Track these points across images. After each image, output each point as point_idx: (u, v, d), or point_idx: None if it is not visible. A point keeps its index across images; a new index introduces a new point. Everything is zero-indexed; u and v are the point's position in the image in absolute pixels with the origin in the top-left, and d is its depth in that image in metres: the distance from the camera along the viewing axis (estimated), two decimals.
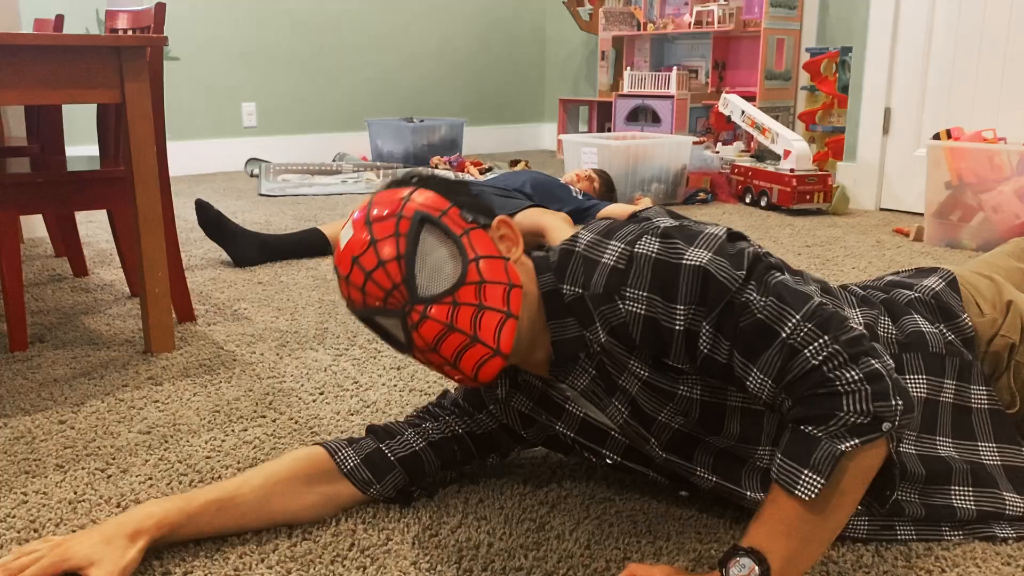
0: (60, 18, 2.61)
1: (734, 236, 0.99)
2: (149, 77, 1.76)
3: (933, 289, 1.20)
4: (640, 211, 1.06)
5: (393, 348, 1.03)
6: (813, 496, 0.87)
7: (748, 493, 1.07)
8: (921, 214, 3.40)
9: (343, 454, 1.16)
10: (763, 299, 0.92)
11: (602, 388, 1.05)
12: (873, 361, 0.88)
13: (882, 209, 3.65)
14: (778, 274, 0.95)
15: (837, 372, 0.87)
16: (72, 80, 1.66)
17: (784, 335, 0.90)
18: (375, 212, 0.99)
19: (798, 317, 0.90)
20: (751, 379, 0.92)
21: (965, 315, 1.18)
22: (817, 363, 0.88)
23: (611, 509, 1.18)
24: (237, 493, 1.09)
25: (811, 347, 0.89)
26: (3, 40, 1.55)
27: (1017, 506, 1.12)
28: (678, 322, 0.94)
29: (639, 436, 1.08)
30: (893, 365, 0.91)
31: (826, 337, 0.89)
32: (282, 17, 5.09)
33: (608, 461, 1.16)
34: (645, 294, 0.95)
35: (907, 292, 1.20)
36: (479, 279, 0.97)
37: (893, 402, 0.87)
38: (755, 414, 1.03)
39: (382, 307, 0.97)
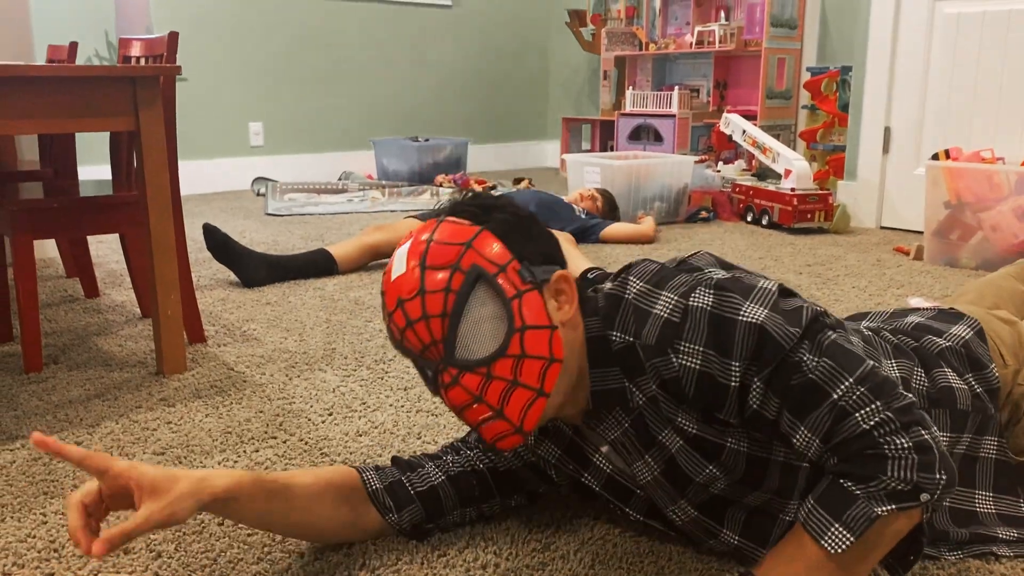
0: (74, 45, 2.67)
1: (785, 292, 0.99)
2: (162, 104, 1.80)
3: (963, 338, 1.20)
4: (689, 257, 1.04)
5: (423, 381, 1.02)
6: (839, 551, 0.87)
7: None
8: (921, 232, 3.44)
9: (368, 475, 1.16)
10: (816, 359, 0.91)
11: (635, 442, 1.04)
12: (924, 432, 0.88)
13: (883, 227, 3.69)
14: (832, 334, 0.94)
15: (888, 438, 0.87)
16: (88, 109, 1.71)
17: (835, 396, 0.89)
18: (432, 256, 0.94)
19: (851, 380, 0.90)
20: (798, 436, 0.92)
21: (992, 366, 1.18)
22: (868, 427, 0.88)
23: (614, 530, 1.21)
24: (290, 484, 1.08)
25: (863, 411, 0.88)
26: (22, 72, 1.60)
27: (1011, 533, 1.15)
28: (733, 378, 0.93)
29: (666, 495, 1.07)
30: (942, 437, 0.90)
31: (878, 403, 0.88)
32: (288, 38, 5.16)
33: (631, 518, 1.16)
34: (700, 349, 0.94)
35: (938, 340, 1.19)
36: (519, 352, 0.94)
37: (937, 476, 0.87)
38: (794, 468, 1.03)
39: (418, 355, 0.96)
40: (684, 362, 0.95)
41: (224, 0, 4.87)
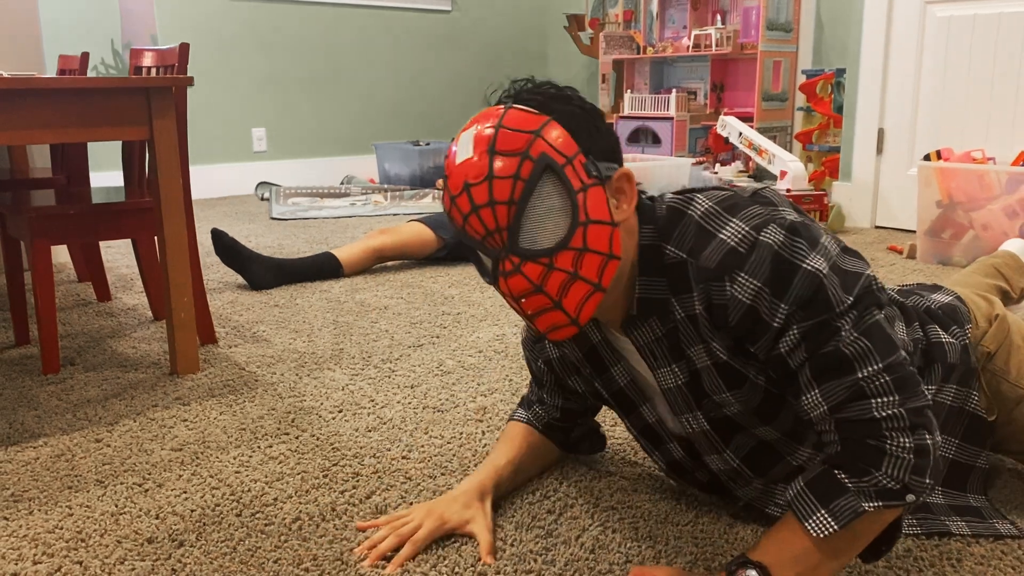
0: (86, 55, 2.73)
1: (847, 250, 1.01)
2: (175, 114, 1.87)
3: (943, 302, 1.26)
4: (761, 189, 1.03)
5: (477, 270, 1.08)
6: (822, 535, 0.92)
7: (773, 497, 1.14)
8: (914, 231, 3.49)
9: (527, 415, 1.38)
10: (854, 334, 0.93)
11: (664, 351, 1.06)
12: (927, 436, 0.91)
13: (877, 227, 3.75)
14: (878, 313, 0.96)
15: (892, 433, 0.90)
16: (104, 119, 1.77)
17: (859, 376, 0.92)
18: (501, 142, 0.94)
19: (880, 365, 0.92)
20: (808, 396, 0.95)
21: (969, 325, 1.24)
22: (879, 417, 0.90)
23: (614, 517, 1.27)
24: (523, 459, 1.32)
25: (879, 400, 0.91)
26: (43, 84, 1.66)
27: (935, 495, 1.21)
28: (777, 320, 0.94)
29: (684, 403, 1.09)
30: (941, 442, 0.94)
31: (897, 396, 0.91)
32: (290, 44, 5.23)
33: (629, 429, 1.23)
34: (758, 284, 0.94)
35: (922, 301, 1.26)
36: (581, 246, 0.95)
37: (927, 480, 0.91)
38: None
39: (480, 241, 0.96)
40: (737, 293, 0.95)
41: (227, 8, 4.94)
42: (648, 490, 1.35)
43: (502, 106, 0.98)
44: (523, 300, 0.96)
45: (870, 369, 0.92)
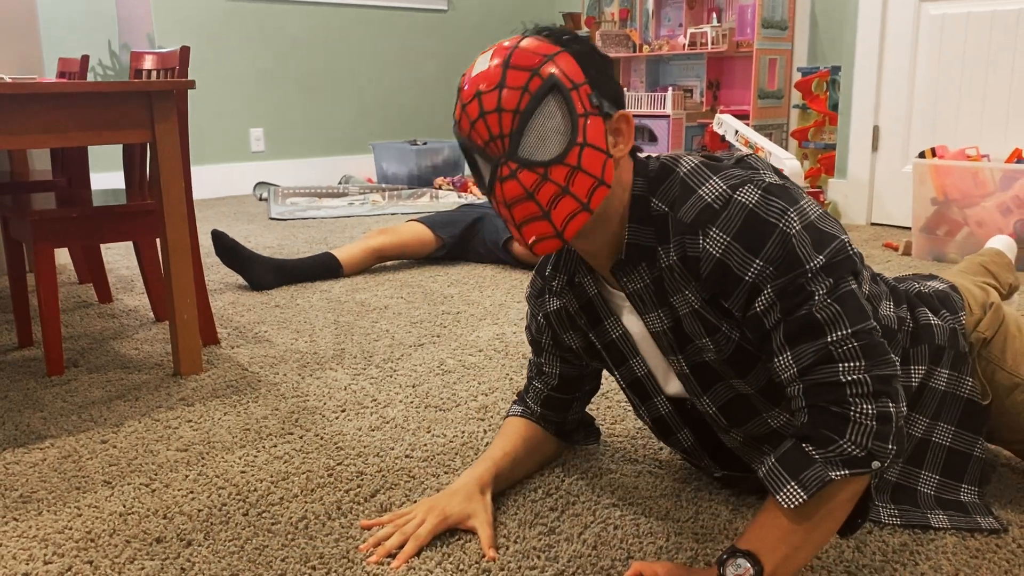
0: (86, 59, 2.75)
1: (827, 217, 1.04)
2: (176, 117, 1.88)
3: (937, 288, 1.30)
4: (746, 156, 1.09)
5: (475, 182, 1.11)
6: (792, 506, 0.96)
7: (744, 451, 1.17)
8: (910, 228, 3.52)
9: (521, 408, 1.42)
10: (826, 299, 0.97)
11: (652, 297, 1.12)
12: (891, 404, 0.95)
13: (873, 224, 3.77)
14: (852, 284, 1.00)
15: (856, 399, 0.94)
16: (107, 123, 1.79)
17: (828, 340, 0.96)
18: (516, 57, 1.01)
19: (849, 331, 0.96)
20: (780, 358, 0.99)
21: (963, 313, 1.27)
22: (843, 381, 0.95)
23: (615, 514, 1.29)
24: (519, 453, 1.36)
25: (846, 364, 0.95)
26: (46, 89, 1.67)
27: (928, 485, 1.24)
28: (749, 274, 0.99)
29: (669, 346, 1.14)
30: (905, 411, 0.97)
31: (863, 362, 0.95)
32: (288, 44, 5.24)
33: (619, 383, 1.27)
34: (728, 239, 0.99)
35: (916, 285, 1.29)
36: (576, 164, 1.01)
37: (890, 446, 0.95)
38: None
39: (482, 147, 1.03)
40: (708, 247, 1.01)
41: (224, 8, 4.95)
42: (649, 487, 1.37)
43: (520, 35, 1.07)
44: (514, 207, 1.03)
45: (839, 334, 0.96)
